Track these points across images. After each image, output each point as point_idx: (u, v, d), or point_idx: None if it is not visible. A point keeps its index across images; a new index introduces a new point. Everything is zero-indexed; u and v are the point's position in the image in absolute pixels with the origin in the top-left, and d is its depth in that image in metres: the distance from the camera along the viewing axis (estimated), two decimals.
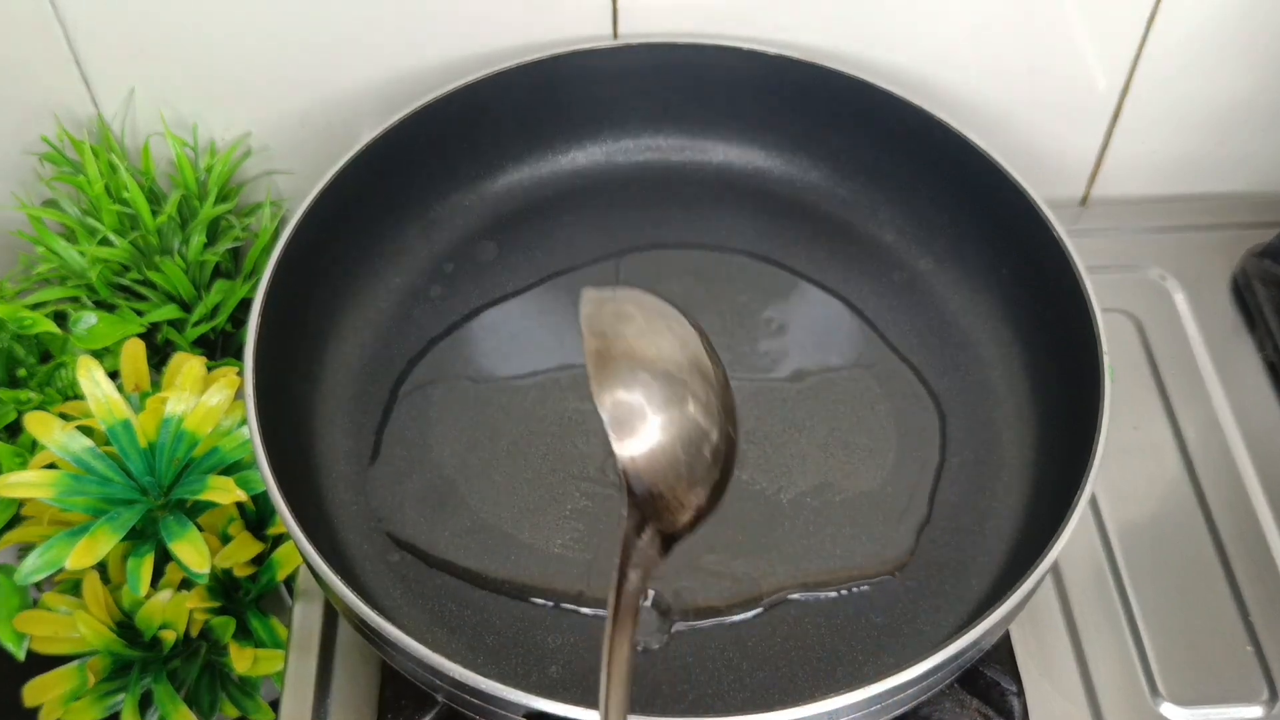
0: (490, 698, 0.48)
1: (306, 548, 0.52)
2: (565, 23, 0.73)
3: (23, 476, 0.65)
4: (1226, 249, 0.78)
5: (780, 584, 0.59)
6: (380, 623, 0.49)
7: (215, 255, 0.76)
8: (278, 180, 0.81)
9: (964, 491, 0.63)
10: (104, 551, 0.63)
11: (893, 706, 0.51)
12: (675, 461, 0.41)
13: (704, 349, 0.43)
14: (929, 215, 0.72)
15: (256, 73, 0.74)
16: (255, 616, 0.72)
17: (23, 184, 0.79)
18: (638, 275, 0.71)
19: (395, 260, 0.71)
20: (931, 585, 0.59)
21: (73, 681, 0.69)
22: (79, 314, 0.72)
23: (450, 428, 0.65)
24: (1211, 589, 0.63)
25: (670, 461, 0.40)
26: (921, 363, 0.68)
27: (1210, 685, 0.60)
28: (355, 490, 0.62)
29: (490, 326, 0.69)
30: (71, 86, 0.74)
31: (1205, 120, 0.79)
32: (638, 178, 0.76)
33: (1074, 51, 0.74)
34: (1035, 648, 0.61)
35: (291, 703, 0.60)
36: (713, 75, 0.73)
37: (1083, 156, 0.81)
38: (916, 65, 0.75)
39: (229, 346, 0.80)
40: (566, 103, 0.74)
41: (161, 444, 0.67)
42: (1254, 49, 0.75)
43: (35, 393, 0.71)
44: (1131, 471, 0.68)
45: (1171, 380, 0.72)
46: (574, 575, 0.59)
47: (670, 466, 0.40)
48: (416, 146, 0.70)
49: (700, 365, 0.42)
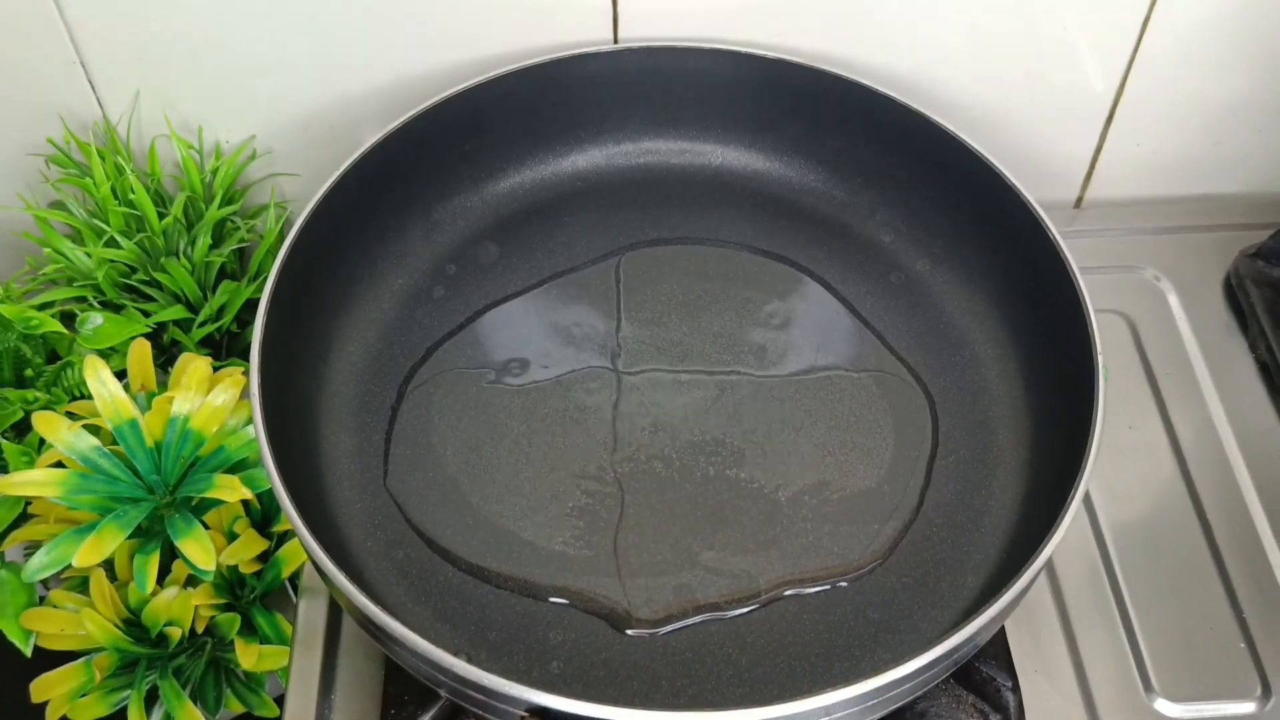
0: (493, 693, 0.49)
1: (311, 544, 0.52)
2: (566, 27, 0.73)
3: (30, 475, 0.66)
4: (1220, 250, 0.78)
5: (778, 580, 0.60)
6: (384, 619, 0.50)
7: (221, 257, 0.77)
8: (282, 183, 0.81)
9: (960, 489, 0.63)
10: (110, 549, 0.63)
11: (889, 701, 0.51)
12: None
13: None
14: (926, 217, 0.73)
15: (261, 76, 0.75)
16: (260, 613, 0.73)
17: (29, 186, 0.79)
18: (637, 272, 0.72)
19: (398, 262, 0.71)
20: (927, 582, 0.60)
21: (79, 678, 0.70)
22: (86, 314, 0.72)
23: (453, 426, 0.65)
24: (1205, 586, 0.64)
25: None
26: (918, 362, 0.68)
27: (1204, 681, 0.61)
28: (359, 488, 0.63)
29: (492, 327, 0.70)
30: (76, 89, 0.75)
31: (1199, 122, 0.79)
32: (638, 180, 0.76)
33: (1069, 54, 0.75)
34: (1030, 644, 0.62)
35: (296, 698, 0.60)
36: (712, 79, 0.74)
37: (1078, 158, 0.81)
38: (913, 68, 0.75)
39: (234, 347, 0.81)
40: (567, 106, 0.74)
41: (168, 443, 0.68)
42: (1248, 51, 0.75)
43: (42, 392, 0.72)
44: (1125, 470, 0.68)
45: (1165, 380, 0.72)
46: (575, 572, 0.60)
47: None
48: (419, 149, 0.70)
49: None
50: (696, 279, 0.72)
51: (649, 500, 0.62)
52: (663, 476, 0.63)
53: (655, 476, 0.63)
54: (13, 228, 0.80)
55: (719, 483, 0.63)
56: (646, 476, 0.63)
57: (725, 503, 0.63)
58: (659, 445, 0.65)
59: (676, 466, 0.64)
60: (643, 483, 0.63)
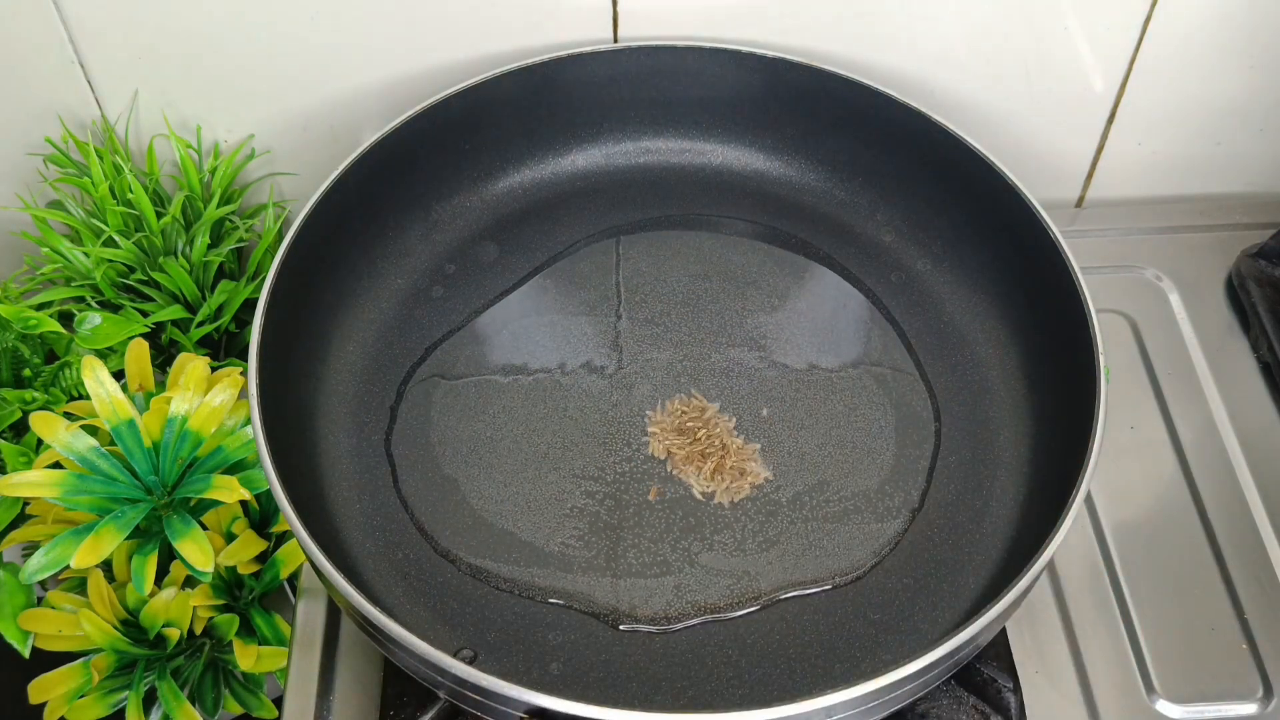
0: (492, 694, 0.49)
1: (310, 545, 0.52)
2: (566, 26, 0.73)
3: (28, 476, 0.65)
4: (1222, 250, 0.78)
5: (778, 581, 0.60)
6: (383, 620, 0.50)
7: (219, 256, 0.77)
8: (281, 182, 0.81)
9: (960, 490, 0.63)
10: (108, 550, 0.63)
11: (890, 703, 0.51)
12: None
13: None
14: (927, 217, 0.73)
15: (260, 76, 0.75)
16: (259, 614, 0.73)
17: (27, 185, 0.79)
18: (637, 270, 0.72)
19: (397, 261, 0.71)
20: (928, 583, 0.60)
21: (77, 679, 0.69)
22: (84, 314, 0.72)
23: (451, 427, 0.65)
24: (1206, 587, 0.64)
25: None
26: (919, 363, 0.68)
27: (1205, 682, 0.61)
28: (358, 488, 0.63)
29: (491, 326, 0.69)
30: (75, 88, 0.75)
31: (1200, 122, 0.79)
32: (637, 179, 0.76)
33: (1070, 54, 0.75)
34: (1032, 645, 0.62)
35: (295, 699, 0.60)
36: (712, 78, 0.74)
37: (1079, 158, 0.81)
38: (914, 68, 0.75)
39: (233, 347, 0.81)
40: (567, 105, 0.74)
41: (166, 443, 0.67)
42: (1249, 52, 0.75)
43: (40, 392, 0.72)
44: (1127, 470, 0.68)
45: (1167, 380, 0.72)
46: (575, 573, 0.60)
47: None
48: (418, 149, 0.70)
49: None
50: (697, 278, 0.72)
51: (649, 500, 0.62)
52: (663, 476, 0.63)
53: (655, 476, 0.63)
54: (11, 227, 0.80)
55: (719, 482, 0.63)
56: (646, 476, 0.63)
57: (725, 503, 0.62)
58: (658, 444, 0.64)
59: (676, 466, 0.64)
60: (642, 483, 0.63)
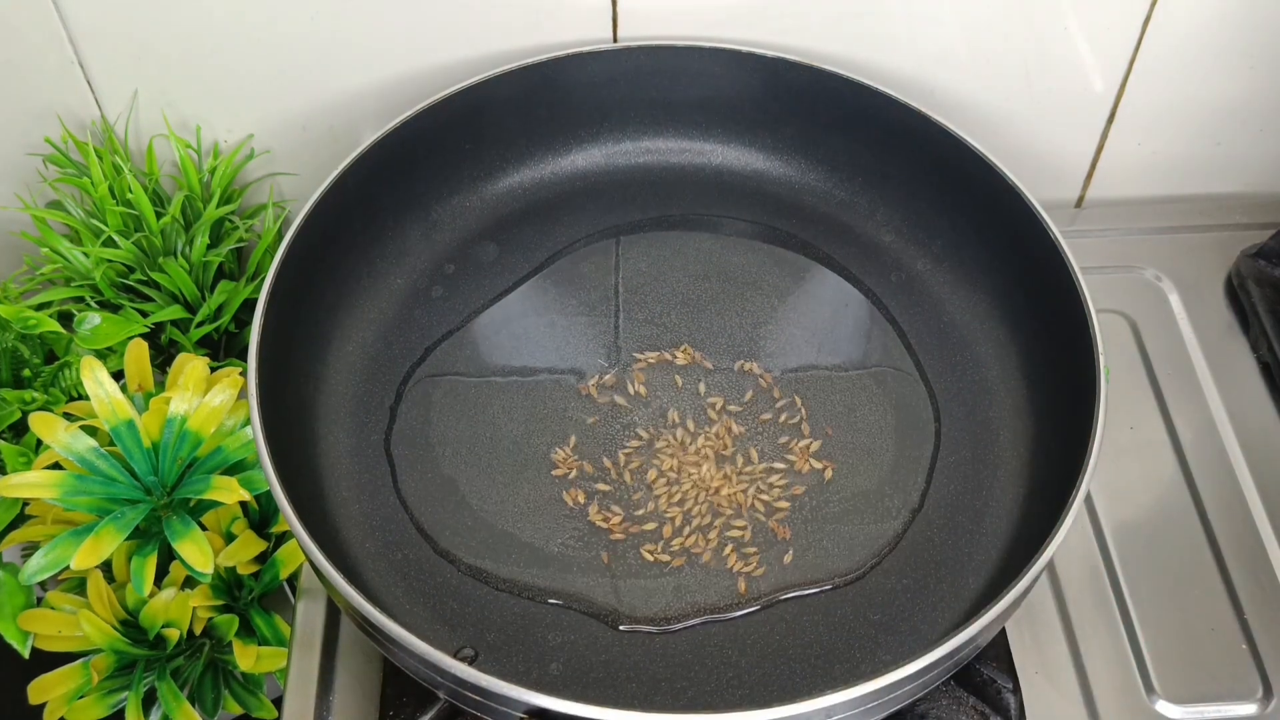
0: (491, 694, 0.49)
1: (309, 546, 0.52)
2: (566, 26, 0.73)
3: (27, 477, 0.65)
4: (1221, 250, 0.78)
5: (778, 581, 0.60)
6: (382, 620, 0.50)
7: (219, 256, 0.77)
8: (280, 182, 0.81)
9: (960, 490, 0.63)
10: (108, 551, 0.63)
11: (889, 703, 0.51)
12: None
13: None
14: (927, 217, 0.73)
15: (259, 75, 0.75)
16: (258, 614, 0.73)
17: (27, 185, 0.79)
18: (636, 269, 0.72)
19: (397, 261, 0.71)
20: (928, 583, 0.60)
21: (77, 679, 0.69)
22: (83, 314, 0.72)
23: (451, 427, 0.65)
24: (1206, 587, 0.64)
25: None
26: (919, 363, 0.68)
27: (1205, 683, 0.61)
28: (357, 489, 0.63)
29: (491, 326, 0.69)
30: (74, 88, 0.75)
31: (1200, 122, 0.79)
32: (637, 179, 0.76)
33: (1070, 54, 0.75)
34: (1031, 645, 0.62)
35: (294, 700, 0.60)
36: (712, 78, 0.74)
37: (1079, 158, 0.81)
38: (914, 68, 0.75)
39: (232, 347, 0.81)
40: (567, 105, 0.74)
41: (165, 444, 0.67)
42: (1249, 52, 0.75)
43: (40, 393, 0.72)
44: (1127, 470, 0.68)
45: (1167, 380, 0.72)
46: (575, 573, 0.60)
47: None
48: (418, 149, 0.70)
49: None
50: (697, 278, 0.72)
51: (649, 500, 0.62)
52: (662, 476, 0.63)
53: (655, 476, 0.63)
54: (11, 227, 0.80)
55: (719, 483, 0.63)
56: (646, 476, 0.63)
57: (725, 503, 0.62)
58: (658, 445, 0.64)
59: (676, 466, 0.64)
60: (642, 483, 0.63)
